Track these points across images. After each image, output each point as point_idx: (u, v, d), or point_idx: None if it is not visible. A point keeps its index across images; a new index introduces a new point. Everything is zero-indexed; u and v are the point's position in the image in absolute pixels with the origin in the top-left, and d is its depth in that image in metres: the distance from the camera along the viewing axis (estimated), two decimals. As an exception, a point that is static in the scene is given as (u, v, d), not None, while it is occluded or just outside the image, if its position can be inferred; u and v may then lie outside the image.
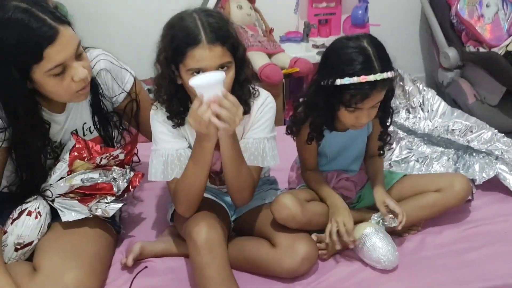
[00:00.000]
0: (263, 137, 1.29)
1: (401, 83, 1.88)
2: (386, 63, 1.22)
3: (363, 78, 1.18)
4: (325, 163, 1.46)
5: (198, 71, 1.16)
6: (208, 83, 1.08)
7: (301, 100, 1.38)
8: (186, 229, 1.23)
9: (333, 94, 1.24)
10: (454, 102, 2.49)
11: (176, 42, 1.17)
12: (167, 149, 1.27)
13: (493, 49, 2.33)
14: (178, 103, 1.26)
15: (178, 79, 1.22)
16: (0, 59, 1.14)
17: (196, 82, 1.10)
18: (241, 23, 2.48)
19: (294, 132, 1.39)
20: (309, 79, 2.40)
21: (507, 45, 2.31)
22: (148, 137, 1.55)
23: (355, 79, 1.19)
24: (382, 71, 1.19)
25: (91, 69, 1.28)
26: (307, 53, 2.50)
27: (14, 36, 1.12)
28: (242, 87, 1.25)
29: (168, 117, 1.27)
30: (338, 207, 1.34)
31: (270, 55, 2.42)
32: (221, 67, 1.17)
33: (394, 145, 1.75)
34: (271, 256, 1.28)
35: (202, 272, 1.17)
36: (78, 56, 1.20)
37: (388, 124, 1.39)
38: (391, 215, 1.35)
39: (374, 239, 1.30)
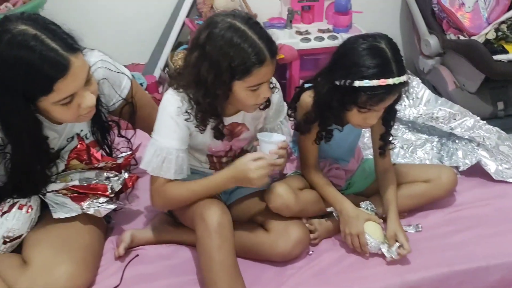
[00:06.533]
0: (282, 119, 1.41)
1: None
2: (402, 66, 1.21)
3: (382, 82, 1.17)
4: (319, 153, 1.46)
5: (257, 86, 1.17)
6: (274, 141, 1.24)
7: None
8: (197, 211, 1.21)
9: (347, 94, 1.22)
10: (434, 88, 2.55)
11: (239, 62, 1.12)
12: (168, 146, 1.23)
13: (473, 37, 2.37)
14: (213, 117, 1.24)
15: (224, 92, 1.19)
16: (6, 89, 1.08)
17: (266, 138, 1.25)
18: (224, 8, 2.45)
19: (305, 131, 1.36)
20: (292, 66, 2.42)
21: (486, 33, 2.35)
22: (146, 131, 1.52)
23: (374, 82, 1.17)
24: (399, 75, 1.18)
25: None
26: (291, 39, 2.49)
27: (22, 67, 1.05)
28: None
29: (196, 126, 1.24)
30: (350, 215, 1.33)
31: (254, 42, 2.41)
32: None
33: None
34: (265, 240, 1.30)
35: (211, 255, 1.16)
36: (87, 81, 1.15)
37: (391, 124, 1.38)
38: (398, 244, 1.31)
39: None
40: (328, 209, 1.39)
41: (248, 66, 1.13)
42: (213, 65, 1.14)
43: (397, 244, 1.30)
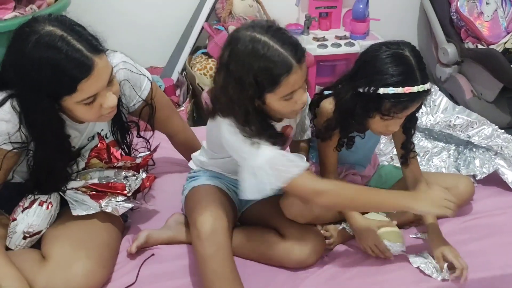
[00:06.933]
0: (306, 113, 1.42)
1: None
2: (425, 74, 1.20)
3: (407, 89, 1.16)
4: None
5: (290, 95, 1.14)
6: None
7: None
8: (191, 217, 1.21)
9: (371, 102, 1.21)
10: (451, 97, 2.54)
11: (265, 75, 1.09)
12: (269, 151, 1.15)
13: (491, 46, 2.36)
14: (269, 131, 1.19)
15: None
16: (32, 87, 1.11)
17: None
18: (243, 14, 2.49)
19: (326, 138, 1.35)
20: (309, 72, 2.43)
21: (505, 43, 2.35)
22: (164, 132, 1.58)
23: (399, 90, 1.16)
24: (423, 83, 1.18)
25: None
26: (308, 45, 2.51)
27: (48, 67, 1.07)
28: None
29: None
30: (361, 228, 1.34)
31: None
32: None
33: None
34: (280, 247, 1.30)
35: (205, 264, 1.17)
36: (109, 82, 1.17)
37: (412, 132, 1.38)
38: (446, 264, 1.29)
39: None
40: (340, 227, 1.41)
41: (275, 77, 1.09)
42: (239, 82, 1.11)
43: (446, 264, 1.28)
